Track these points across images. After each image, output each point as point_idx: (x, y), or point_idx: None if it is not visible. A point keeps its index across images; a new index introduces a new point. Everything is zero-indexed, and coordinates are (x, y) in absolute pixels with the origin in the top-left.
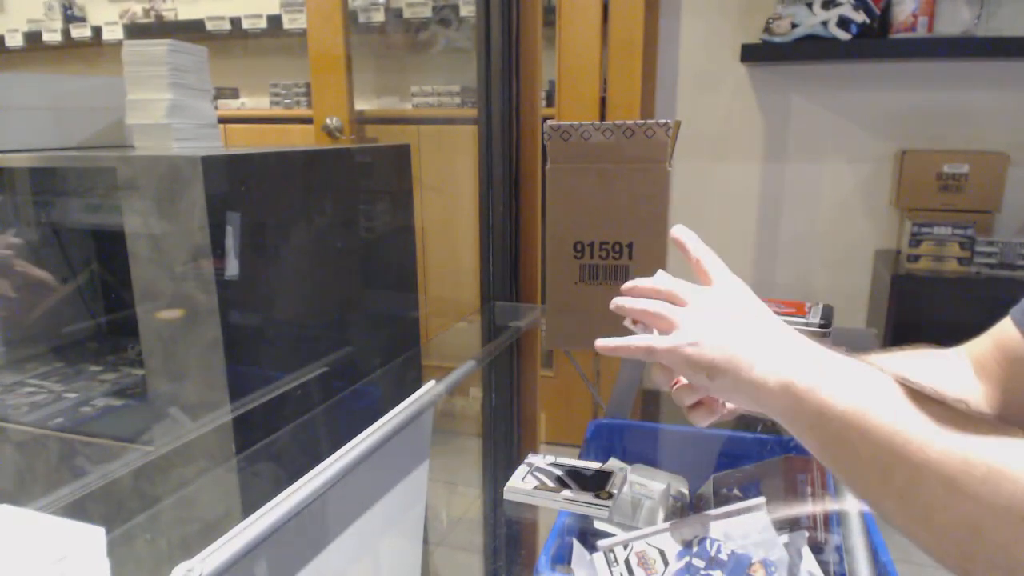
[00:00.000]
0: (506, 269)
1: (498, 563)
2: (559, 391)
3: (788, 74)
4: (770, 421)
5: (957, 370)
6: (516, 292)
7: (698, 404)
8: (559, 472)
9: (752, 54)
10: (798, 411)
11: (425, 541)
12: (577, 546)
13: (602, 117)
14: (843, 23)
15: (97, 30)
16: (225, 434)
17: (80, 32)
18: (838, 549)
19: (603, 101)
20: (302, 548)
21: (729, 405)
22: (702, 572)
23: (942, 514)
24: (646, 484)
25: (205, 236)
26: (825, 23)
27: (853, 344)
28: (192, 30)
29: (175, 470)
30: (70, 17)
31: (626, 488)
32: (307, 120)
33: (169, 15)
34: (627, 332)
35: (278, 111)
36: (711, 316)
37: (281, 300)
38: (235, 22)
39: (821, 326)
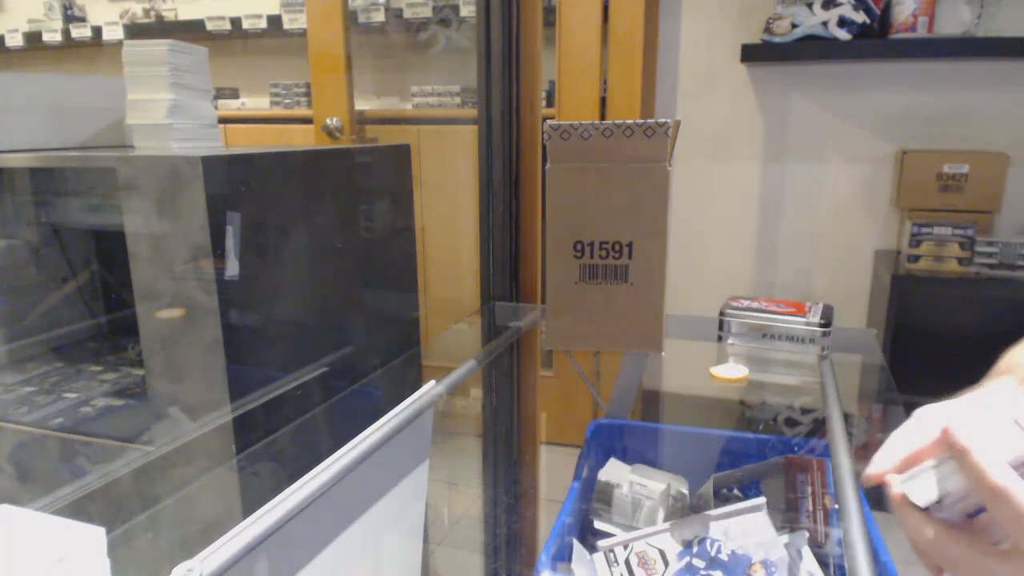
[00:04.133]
0: (506, 269)
1: (498, 563)
2: (559, 391)
3: (788, 74)
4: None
5: None
6: (516, 292)
7: None
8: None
9: (752, 54)
10: None
11: (425, 541)
12: (577, 546)
13: (602, 117)
14: (843, 23)
15: (97, 30)
16: (225, 434)
17: (80, 32)
18: (838, 549)
19: (603, 101)
20: (302, 548)
21: None
22: (702, 572)
23: None
24: (646, 484)
25: (205, 236)
26: (825, 23)
27: (853, 344)
28: (192, 30)
29: (175, 470)
30: (70, 17)
31: (626, 488)
32: (307, 120)
33: (169, 15)
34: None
35: (278, 111)
36: None
37: (281, 300)
38: (235, 22)
39: (821, 326)
